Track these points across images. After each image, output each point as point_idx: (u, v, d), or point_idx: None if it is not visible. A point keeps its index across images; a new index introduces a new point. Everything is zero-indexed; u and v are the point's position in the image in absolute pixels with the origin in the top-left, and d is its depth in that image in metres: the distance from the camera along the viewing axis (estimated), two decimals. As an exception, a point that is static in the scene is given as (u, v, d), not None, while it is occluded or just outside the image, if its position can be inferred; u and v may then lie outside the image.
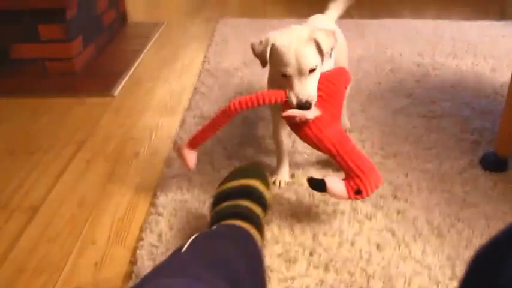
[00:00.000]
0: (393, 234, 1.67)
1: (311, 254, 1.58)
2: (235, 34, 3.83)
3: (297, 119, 1.60)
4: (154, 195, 1.89)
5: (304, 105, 1.61)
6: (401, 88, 2.82)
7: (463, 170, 2.04)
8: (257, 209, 1.54)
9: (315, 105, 1.63)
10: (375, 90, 2.80)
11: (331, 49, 1.67)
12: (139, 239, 1.67)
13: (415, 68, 3.15)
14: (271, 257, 1.57)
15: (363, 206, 1.81)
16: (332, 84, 1.67)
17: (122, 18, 4.14)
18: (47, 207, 1.85)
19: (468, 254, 1.59)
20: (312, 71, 1.62)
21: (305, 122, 1.61)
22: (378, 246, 1.62)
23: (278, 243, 1.63)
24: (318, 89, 1.65)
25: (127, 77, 3.04)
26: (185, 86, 2.89)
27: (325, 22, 2.13)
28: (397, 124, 2.39)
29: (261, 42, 1.69)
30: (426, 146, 2.21)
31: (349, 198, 1.63)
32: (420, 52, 3.43)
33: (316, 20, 2.15)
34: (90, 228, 1.74)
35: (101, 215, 1.81)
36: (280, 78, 1.65)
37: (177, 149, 1.79)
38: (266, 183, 1.65)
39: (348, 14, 4.55)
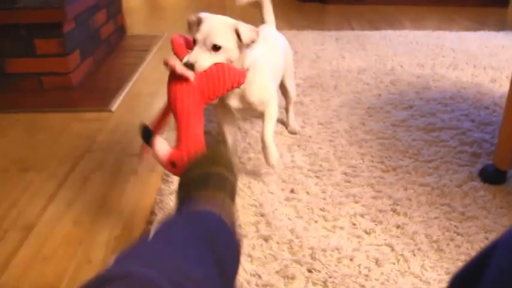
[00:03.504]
0: (392, 249, 1.66)
1: (310, 270, 1.57)
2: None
3: (172, 66, 1.61)
4: (152, 213, 1.87)
5: (188, 65, 1.65)
6: (401, 100, 2.81)
7: (462, 182, 2.02)
8: (228, 174, 1.42)
9: (196, 76, 1.64)
10: (374, 102, 2.79)
11: (252, 42, 1.74)
12: (136, 256, 1.65)
13: (415, 79, 3.14)
14: (269, 274, 1.55)
15: (362, 220, 1.80)
16: (223, 74, 1.68)
17: (121, 30, 4.14)
18: (41, 226, 1.83)
19: (468, 268, 1.57)
20: (216, 49, 1.69)
21: (176, 77, 1.63)
22: (377, 262, 1.60)
23: (276, 260, 1.61)
24: (210, 69, 1.67)
25: (125, 91, 3.02)
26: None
27: (269, 30, 2.27)
28: (397, 137, 2.38)
29: (196, 15, 1.80)
30: (426, 159, 2.19)
31: (165, 166, 1.61)
32: (420, 63, 3.43)
33: (262, 28, 2.23)
34: (86, 247, 1.72)
35: (97, 233, 1.79)
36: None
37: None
38: (230, 169, 1.52)
39: (348, 25, 4.58)
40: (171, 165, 1.57)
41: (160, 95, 2.98)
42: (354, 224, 1.78)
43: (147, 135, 1.63)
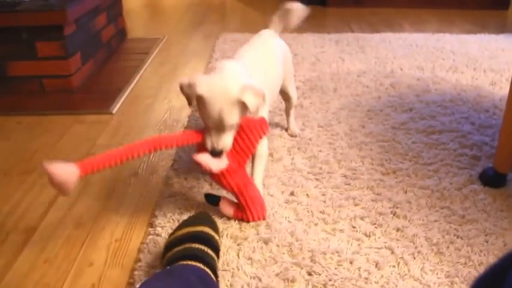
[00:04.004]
0: (392, 252, 1.66)
1: (309, 273, 1.57)
2: (235, 51, 3.82)
3: (202, 167, 1.70)
4: (153, 215, 1.87)
5: (217, 153, 1.70)
6: (401, 103, 2.81)
7: (462, 185, 2.03)
8: (210, 251, 1.52)
9: (227, 155, 1.74)
10: (374, 105, 2.79)
11: (258, 108, 1.69)
12: (137, 260, 1.66)
13: (415, 82, 3.15)
14: (269, 277, 1.55)
15: (362, 223, 1.80)
16: (247, 137, 1.75)
17: (121, 33, 4.15)
18: (43, 229, 1.83)
19: (467, 271, 1.58)
20: (231, 127, 1.69)
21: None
22: (376, 265, 1.60)
23: (276, 263, 1.61)
24: (234, 139, 1.74)
25: (126, 94, 3.03)
26: (184, 103, 2.86)
27: (270, 35, 2.23)
28: (397, 140, 2.38)
29: (189, 85, 1.69)
30: (425, 162, 2.20)
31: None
32: (420, 66, 3.44)
33: (263, 33, 2.22)
34: (87, 249, 1.72)
35: (98, 235, 1.79)
36: (204, 122, 1.73)
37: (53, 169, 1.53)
38: (215, 229, 1.63)
39: (348, 28, 4.59)
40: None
41: (160, 97, 2.99)
42: (354, 227, 1.78)
43: (214, 201, 1.84)
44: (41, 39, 2.94)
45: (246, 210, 1.79)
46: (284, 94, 2.37)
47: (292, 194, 1.98)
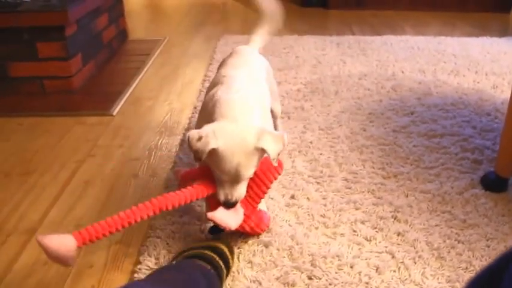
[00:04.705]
0: (393, 256, 1.65)
1: (310, 277, 1.56)
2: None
3: (220, 226, 1.58)
4: (153, 218, 1.87)
5: (231, 204, 1.56)
6: (402, 106, 2.81)
7: (463, 190, 2.02)
8: (220, 262, 1.52)
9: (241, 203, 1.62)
10: (375, 108, 2.79)
11: (278, 154, 1.53)
12: (137, 262, 1.65)
13: (416, 85, 3.14)
14: (269, 281, 1.55)
15: (363, 227, 1.79)
16: (261, 181, 1.63)
17: (122, 34, 4.15)
18: (43, 230, 1.83)
19: (468, 276, 1.57)
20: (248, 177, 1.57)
21: None
22: (377, 269, 1.60)
23: (277, 266, 1.61)
24: (249, 187, 1.61)
25: (126, 95, 3.03)
26: (185, 105, 2.88)
27: (251, 53, 2.09)
28: (398, 143, 2.38)
29: (200, 138, 1.47)
30: (427, 166, 2.19)
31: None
32: (422, 69, 3.43)
33: (243, 51, 2.07)
34: (87, 251, 1.71)
35: (98, 237, 1.79)
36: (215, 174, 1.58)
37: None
38: (232, 253, 1.62)
39: (349, 30, 4.58)
40: None
41: (161, 99, 2.98)
42: (355, 231, 1.78)
43: (218, 231, 1.72)
44: (42, 40, 2.94)
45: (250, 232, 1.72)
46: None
47: (292, 197, 1.98)
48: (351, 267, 1.61)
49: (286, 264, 1.62)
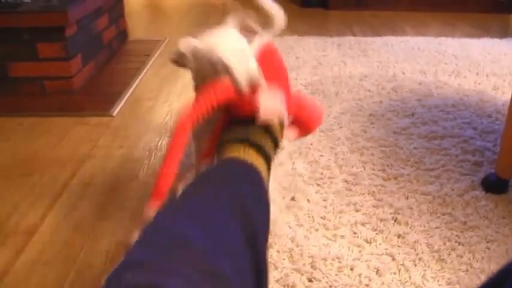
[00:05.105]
0: (393, 258, 1.65)
1: (310, 279, 1.56)
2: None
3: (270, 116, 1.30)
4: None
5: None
6: (403, 107, 2.80)
7: (464, 191, 2.02)
8: (268, 141, 1.29)
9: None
10: (376, 109, 2.78)
11: None
12: (137, 263, 1.65)
13: (417, 86, 3.14)
14: (269, 282, 1.54)
15: (363, 229, 1.79)
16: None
17: (123, 35, 4.14)
18: (43, 231, 1.82)
19: (468, 278, 1.57)
20: None
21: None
22: (377, 271, 1.60)
23: (277, 269, 1.60)
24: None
25: (126, 96, 3.02)
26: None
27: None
28: (398, 145, 2.37)
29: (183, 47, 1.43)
30: (427, 168, 2.19)
31: None
32: (422, 70, 3.43)
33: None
34: (87, 252, 1.71)
35: (98, 238, 1.78)
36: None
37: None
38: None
39: (350, 31, 4.58)
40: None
41: (161, 100, 2.98)
42: (355, 233, 1.78)
43: None
44: (42, 40, 2.93)
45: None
46: None
47: (293, 199, 1.98)
48: (351, 269, 1.61)
49: (286, 266, 1.61)
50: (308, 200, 1.97)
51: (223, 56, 1.30)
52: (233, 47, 1.34)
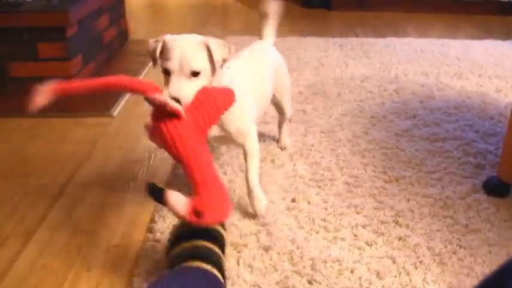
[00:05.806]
0: (394, 261, 1.64)
1: (310, 282, 1.55)
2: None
3: (162, 102, 1.44)
4: (152, 221, 1.85)
5: (172, 99, 1.48)
6: (405, 109, 2.79)
7: (465, 194, 2.01)
8: (217, 250, 1.49)
9: (186, 110, 1.48)
10: (378, 111, 2.77)
11: (224, 60, 1.62)
12: (136, 266, 1.64)
13: (419, 88, 3.13)
14: (269, 285, 1.54)
15: (364, 232, 1.78)
16: (212, 98, 1.54)
17: (123, 35, 4.13)
18: (41, 233, 1.81)
19: (469, 282, 1.56)
20: (195, 74, 1.54)
21: (165, 116, 1.47)
22: (378, 274, 1.59)
23: (277, 271, 1.60)
24: (197, 98, 1.53)
25: (126, 96, 3.01)
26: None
27: (262, 50, 2.16)
28: (400, 147, 2.36)
29: (156, 40, 1.70)
30: (429, 170, 2.18)
31: (187, 218, 1.41)
32: (425, 72, 3.42)
33: (254, 48, 2.15)
34: (85, 254, 1.71)
35: (96, 241, 1.77)
36: (164, 78, 1.60)
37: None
38: (223, 224, 1.59)
39: (352, 32, 4.57)
40: (196, 215, 1.40)
41: (162, 100, 2.96)
42: (355, 235, 1.76)
43: (158, 193, 1.44)
44: (42, 40, 2.92)
45: (198, 187, 1.44)
46: (277, 107, 2.29)
47: (293, 200, 1.97)
48: (352, 271, 1.60)
49: (287, 269, 1.60)
50: (308, 201, 1.96)
51: None
52: None
